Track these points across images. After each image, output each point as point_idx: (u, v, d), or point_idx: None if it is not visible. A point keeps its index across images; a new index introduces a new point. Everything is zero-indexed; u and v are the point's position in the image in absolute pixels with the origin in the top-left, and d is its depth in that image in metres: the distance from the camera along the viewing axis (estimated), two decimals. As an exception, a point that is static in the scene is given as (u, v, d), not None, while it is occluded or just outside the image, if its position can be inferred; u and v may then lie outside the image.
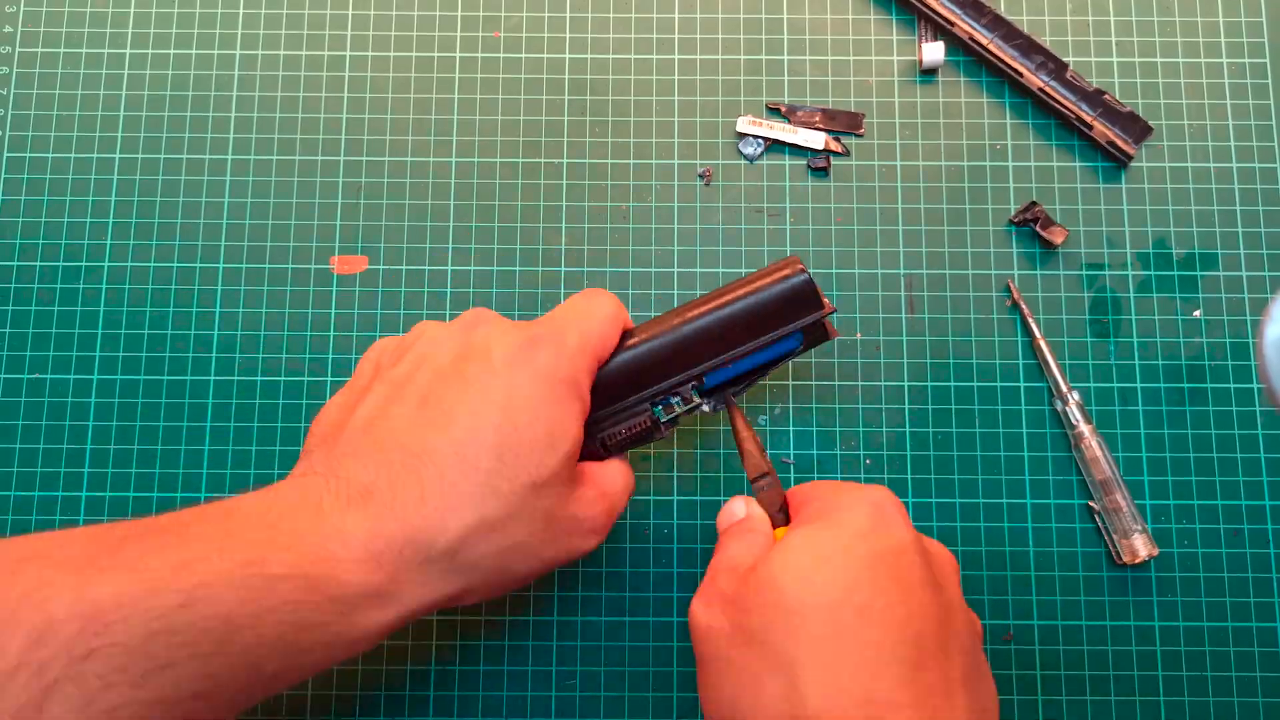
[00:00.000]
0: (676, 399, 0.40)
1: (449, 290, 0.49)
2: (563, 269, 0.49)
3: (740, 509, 0.38)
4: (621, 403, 0.39)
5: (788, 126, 0.50)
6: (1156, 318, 0.48)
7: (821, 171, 0.50)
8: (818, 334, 0.41)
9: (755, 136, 0.50)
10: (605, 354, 0.38)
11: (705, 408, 0.40)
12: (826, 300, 0.40)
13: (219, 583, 0.29)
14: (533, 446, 0.34)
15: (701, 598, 0.35)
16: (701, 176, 0.50)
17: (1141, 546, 0.45)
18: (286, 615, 0.30)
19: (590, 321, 0.37)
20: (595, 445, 0.39)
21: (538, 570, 0.35)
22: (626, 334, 0.40)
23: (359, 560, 0.32)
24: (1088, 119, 0.49)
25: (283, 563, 0.30)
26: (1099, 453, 0.46)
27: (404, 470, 0.33)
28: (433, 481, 0.33)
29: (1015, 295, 0.48)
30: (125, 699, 0.27)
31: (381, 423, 0.35)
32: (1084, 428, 0.46)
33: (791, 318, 0.40)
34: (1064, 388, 0.47)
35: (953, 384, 0.48)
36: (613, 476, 0.38)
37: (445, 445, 0.33)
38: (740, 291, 0.40)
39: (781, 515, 0.39)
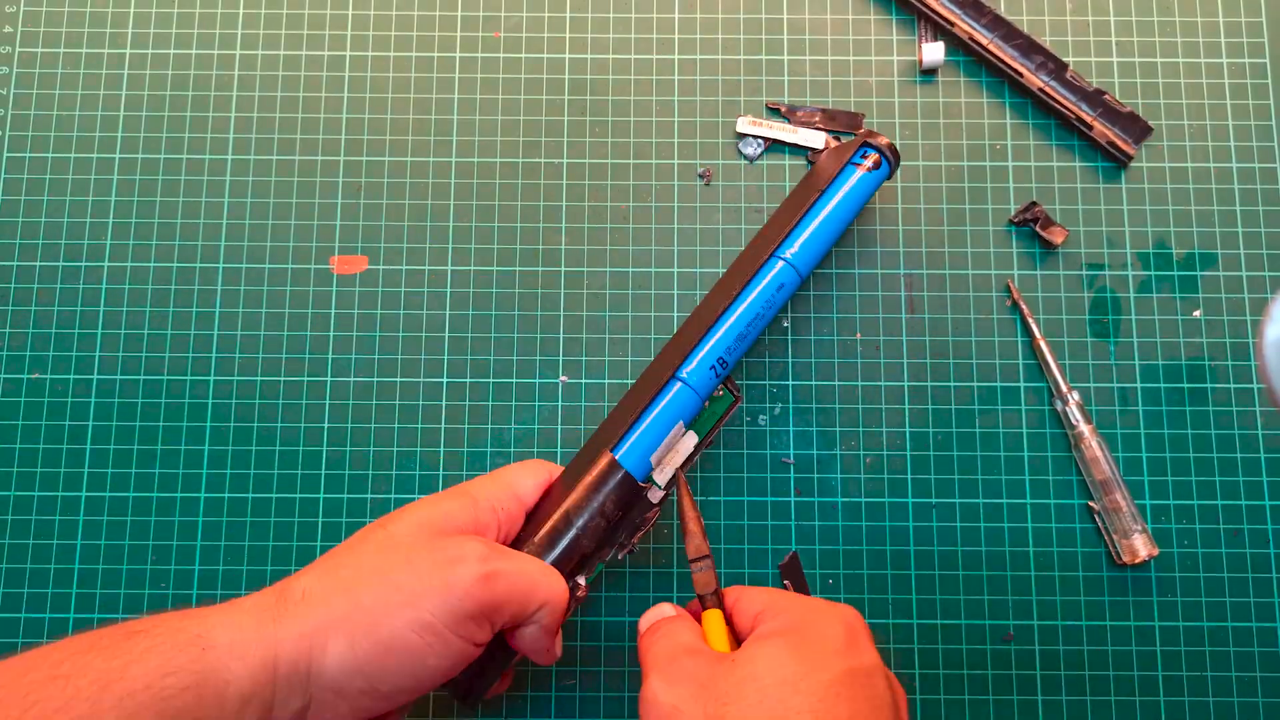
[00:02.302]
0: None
1: (449, 290, 0.49)
2: (563, 269, 0.49)
3: (669, 610, 0.39)
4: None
5: (788, 126, 0.50)
6: (1156, 318, 0.48)
7: (821, 171, 0.50)
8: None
9: (755, 136, 0.50)
10: (519, 492, 0.40)
11: (657, 489, 0.41)
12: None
13: (83, 649, 0.31)
14: (395, 518, 0.37)
15: (662, 675, 0.35)
16: (701, 176, 0.50)
17: (1141, 546, 0.45)
18: (150, 663, 0.31)
19: (509, 468, 0.41)
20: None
21: (396, 602, 0.34)
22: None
23: (222, 610, 0.34)
24: (1088, 119, 0.49)
25: (140, 626, 0.32)
26: (1099, 453, 0.46)
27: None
28: (309, 566, 0.37)
29: (1015, 295, 0.48)
30: None
31: None
32: (1084, 428, 0.46)
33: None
34: (1064, 388, 0.47)
35: (953, 384, 0.48)
36: (516, 553, 0.38)
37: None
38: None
39: (714, 599, 0.39)
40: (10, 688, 0.29)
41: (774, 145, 0.50)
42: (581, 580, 0.39)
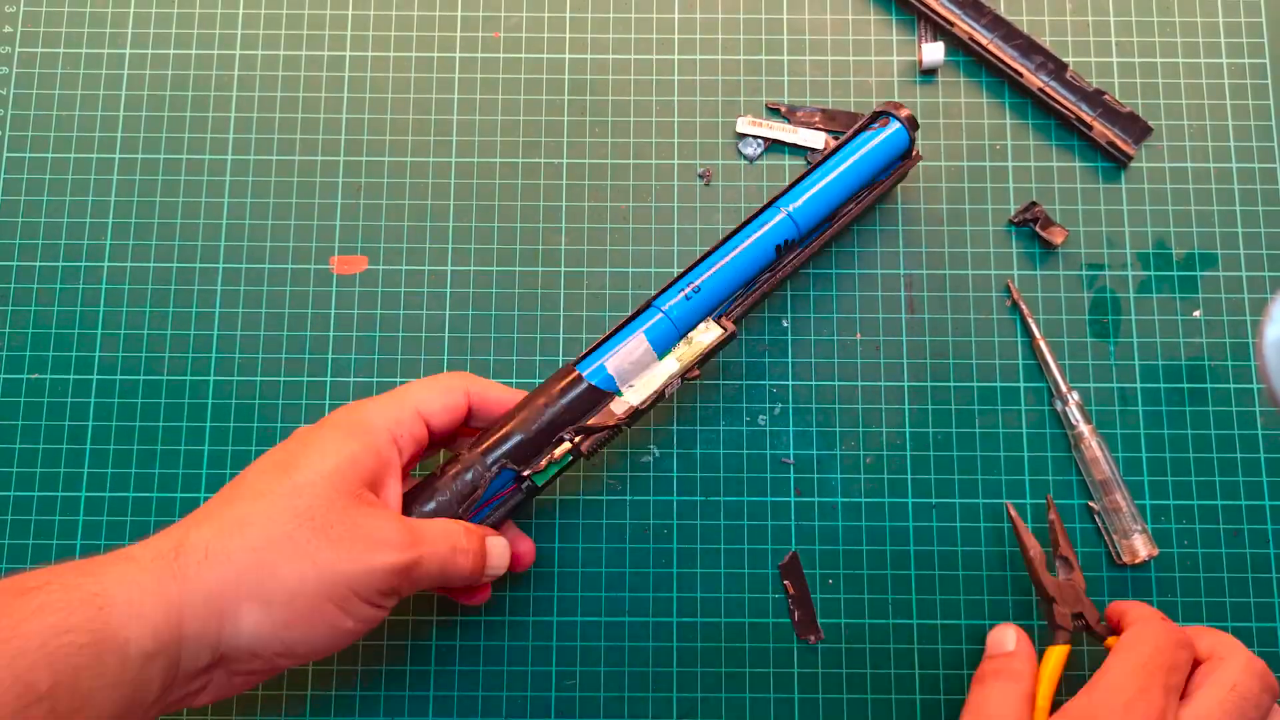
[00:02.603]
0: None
1: (449, 290, 0.49)
2: (563, 269, 0.49)
3: (1010, 640, 0.40)
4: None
5: (788, 126, 0.50)
6: (1156, 318, 0.48)
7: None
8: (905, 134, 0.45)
9: (755, 137, 0.50)
10: (423, 407, 0.39)
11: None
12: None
13: None
14: (297, 457, 0.36)
15: None
16: (701, 177, 0.50)
17: (1141, 546, 0.45)
18: (44, 621, 0.30)
19: (415, 384, 0.41)
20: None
21: (313, 574, 0.34)
22: None
23: (115, 560, 0.33)
24: (1088, 119, 0.49)
25: (33, 581, 0.31)
26: (1099, 453, 0.46)
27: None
28: (203, 507, 0.36)
29: (1015, 295, 0.48)
30: None
31: None
32: (1084, 428, 0.46)
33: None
34: (1064, 388, 0.47)
35: (953, 384, 0.48)
36: (434, 527, 0.37)
37: (225, 486, 0.37)
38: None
39: (1065, 634, 0.41)
40: None
41: (774, 145, 0.50)
42: (525, 481, 0.40)
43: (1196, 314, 0.48)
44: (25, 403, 0.48)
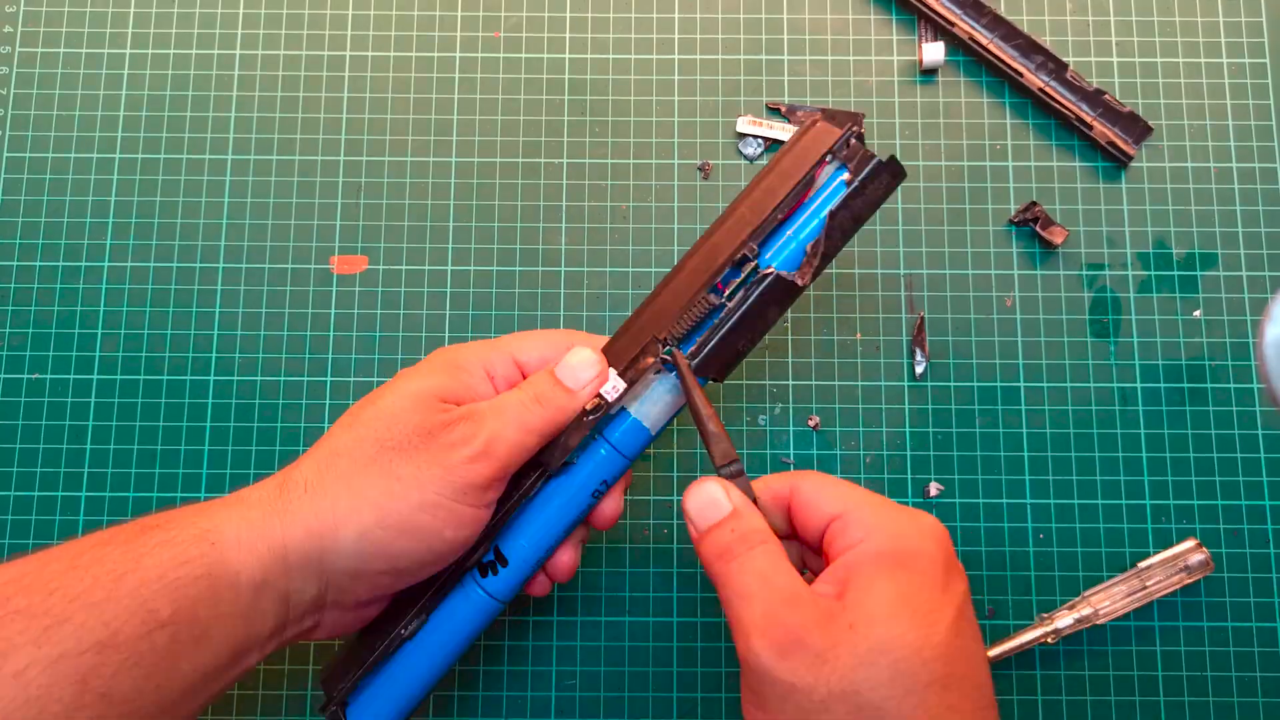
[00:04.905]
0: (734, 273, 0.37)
1: (449, 290, 0.49)
2: (563, 269, 0.49)
3: (722, 498, 0.35)
4: (681, 311, 0.37)
5: (788, 126, 0.50)
6: (1156, 318, 0.48)
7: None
8: (875, 171, 0.36)
9: (755, 137, 0.50)
10: (518, 353, 0.39)
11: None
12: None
13: (100, 542, 0.33)
14: (384, 391, 0.37)
15: (769, 642, 0.31)
16: (700, 169, 0.50)
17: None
18: (163, 555, 0.32)
19: (518, 333, 0.40)
20: (656, 354, 0.37)
21: (400, 491, 0.34)
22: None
23: (229, 503, 0.35)
24: (1088, 119, 0.49)
25: (154, 521, 0.34)
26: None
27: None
28: (304, 452, 0.37)
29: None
30: (30, 659, 0.29)
31: None
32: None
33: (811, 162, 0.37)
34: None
35: (953, 384, 0.48)
36: (497, 398, 0.37)
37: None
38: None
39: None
40: (34, 575, 0.31)
41: (774, 145, 0.50)
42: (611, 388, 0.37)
43: (1196, 314, 0.48)
44: (25, 403, 0.48)
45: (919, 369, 0.48)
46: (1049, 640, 0.44)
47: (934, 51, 0.50)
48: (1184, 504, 0.46)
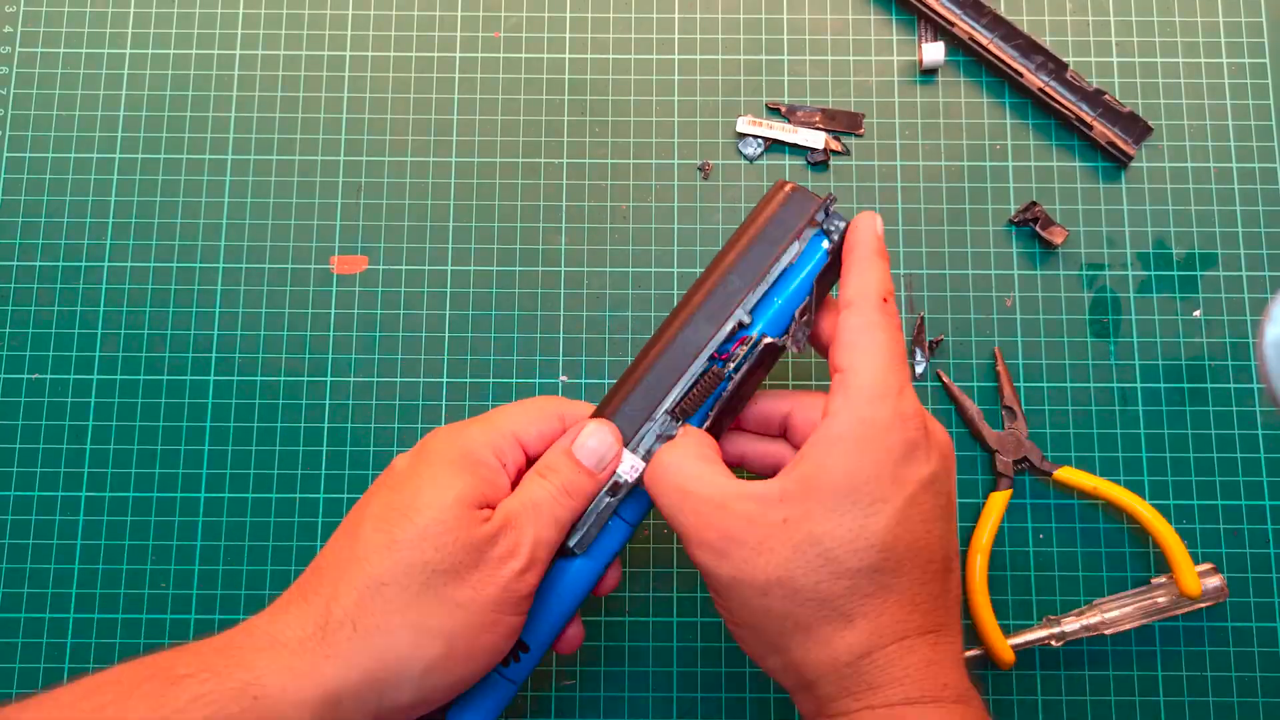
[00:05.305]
0: (720, 362, 0.37)
1: (449, 290, 0.49)
2: (563, 269, 0.49)
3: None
4: (676, 384, 0.37)
5: (788, 126, 0.50)
6: (1156, 318, 0.48)
7: (821, 165, 0.50)
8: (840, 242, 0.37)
9: (755, 137, 0.50)
10: (518, 429, 0.37)
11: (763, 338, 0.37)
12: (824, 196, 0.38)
13: (123, 691, 0.31)
14: (414, 499, 0.35)
15: (705, 545, 0.34)
16: (700, 169, 0.50)
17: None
18: (199, 715, 0.30)
19: (505, 407, 0.39)
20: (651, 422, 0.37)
21: (462, 617, 0.33)
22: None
23: (262, 647, 0.32)
24: (1088, 119, 0.49)
25: (188, 664, 0.31)
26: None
27: (310, 570, 0.35)
28: (326, 563, 0.35)
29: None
30: None
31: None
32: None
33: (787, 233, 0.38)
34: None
35: (953, 384, 0.48)
36: (517, 498, 0.36)
37: (339, 532, 0.36)
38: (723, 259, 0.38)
39: (1022, 464, 0.44)
40: None
41: (774, 145, 0.50)
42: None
43: (1196, 314, 0.48)
44: (25, 403, 0.48)
45: (919, 369, 0.48)
46: (1053, 643, 0.44)
47: (934, 51, 0.50)
48: (1184, 504, 0.46)
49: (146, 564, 0.46)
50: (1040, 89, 0.50)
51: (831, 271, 0.38)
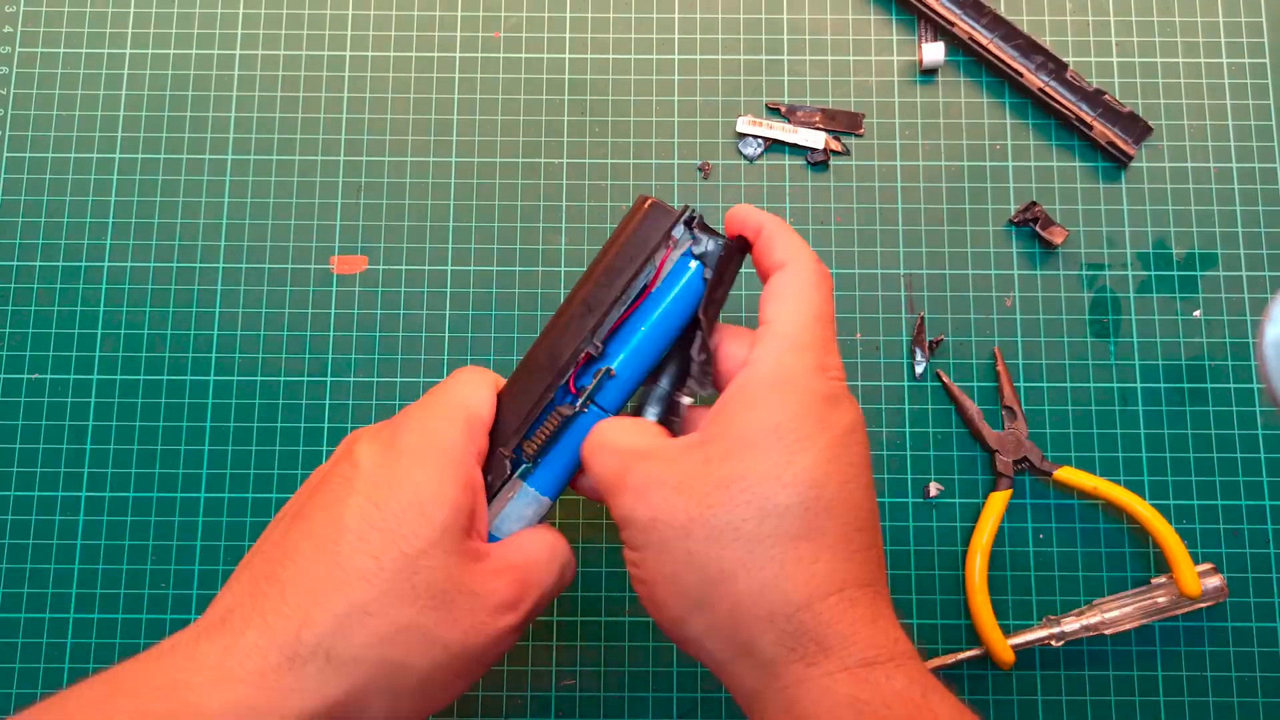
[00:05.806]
0: (584, 379, 0.36)
1: (449, 290, 0.49)
2: (563, 269, 0.49)
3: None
4: (525, 419, 0.36)
5: (788, 126, 0.50)
6: (1156, 318, 0.48)
7: (821, 165, 0.50)
8: (725, 259, 0.36)
9: (755, 137, 0.50)
10: (481, 412, 0.36)
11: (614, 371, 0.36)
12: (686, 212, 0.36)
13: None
14: (400, 519, 0.32)
15: (627, 491, 0.33)
16: (700, 169, 0.50)
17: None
18: None
19: (455, 387, 0.36)
20: (505, 471, 0.36)
21: (444, 660, 0.32)
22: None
23: (213, 681, 0.29)
24: (1088, 119, 0.49)
25: (126, 712, 0.29)
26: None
27: (265, 580, 0.32)
28: (293, 579, 0.31)
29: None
30: None
31: (255, 550, 0.34)
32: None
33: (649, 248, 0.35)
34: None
35: (953, 384, 0.48)
36: (525, 546, 0.35)
37: (304, 542, 0.32)
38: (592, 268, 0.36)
39: (1022, 464, 0.44)
40: None
41: (774, 145, 0.50)
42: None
43: (1196, 314, 0.48)
44: (25, 403, 0.48)
45: (919, 369, 0.48)
46: (1053, 643, 0.44)
47: (934, 51, 0.50)
48: (1184, 504, 0.46)
49: (146, 564, 0.46)
50: (1040, 89, 0.50)
51: (718, 295, 0.36)
